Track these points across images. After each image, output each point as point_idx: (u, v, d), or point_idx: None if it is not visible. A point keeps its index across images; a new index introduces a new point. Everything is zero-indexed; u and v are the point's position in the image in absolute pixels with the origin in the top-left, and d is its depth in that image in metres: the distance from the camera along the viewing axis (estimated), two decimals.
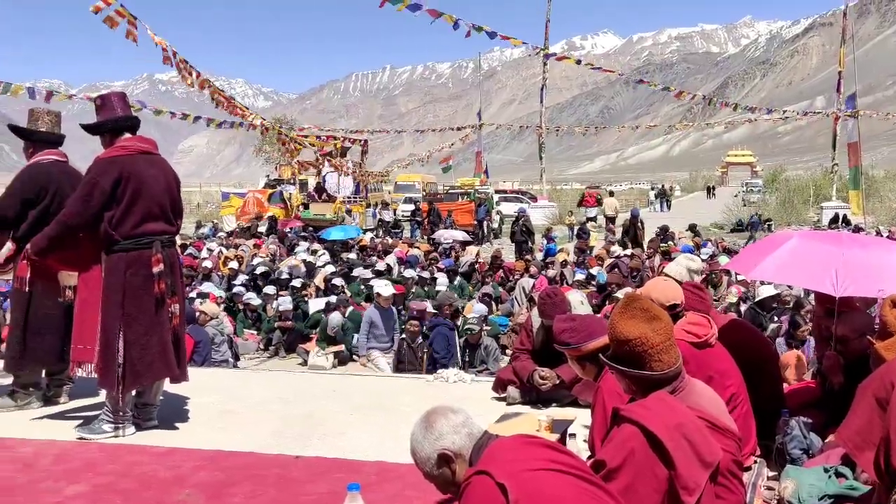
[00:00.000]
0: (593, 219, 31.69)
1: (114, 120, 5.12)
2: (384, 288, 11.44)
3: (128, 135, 5.12)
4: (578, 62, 43.29)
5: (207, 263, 16.37)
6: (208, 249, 19.34)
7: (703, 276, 11.30)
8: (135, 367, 4.92)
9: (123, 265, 4.93)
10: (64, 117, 5.95)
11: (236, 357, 10.69)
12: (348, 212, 29.10)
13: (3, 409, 5.61)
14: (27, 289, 5.41)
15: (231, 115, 15.99)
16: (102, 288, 4.93)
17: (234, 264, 16.32)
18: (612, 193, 34.48)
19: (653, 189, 58.88)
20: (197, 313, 10.27)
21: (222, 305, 12.48)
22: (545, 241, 22.08)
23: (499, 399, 6.03)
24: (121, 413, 5.02)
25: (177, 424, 5.34)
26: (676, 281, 4.96)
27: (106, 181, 4.87)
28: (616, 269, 13.84)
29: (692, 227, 23.94)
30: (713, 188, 72.22)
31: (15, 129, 5.73)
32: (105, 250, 4.94)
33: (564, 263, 16.03)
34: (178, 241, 22.61)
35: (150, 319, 4.97)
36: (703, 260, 12.28)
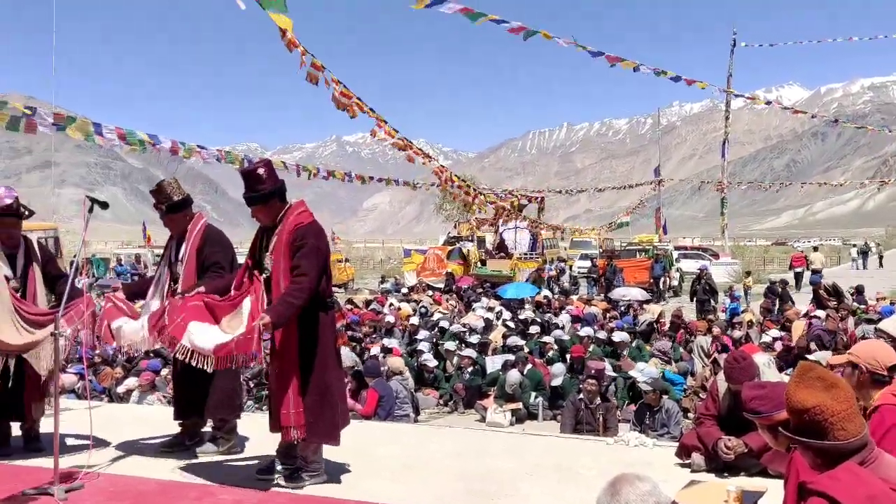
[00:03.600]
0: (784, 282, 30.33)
1: (281, 186, 5.41)
2: None
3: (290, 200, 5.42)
4: (768, 103, 41.89)
5: (390, 318, 16.86)
6: (390, 304, 19.91)
7: None
8: (339, 419, 5.25)
9: (329, 322, 5.27)
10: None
11: (416, 411, 10.89)
12: (539, 271, 29.05)
13: (206, 455, 5.99)
14: None
15: (424, 166, 16.53)
16: (318, 346, 5.18)
17: (415, 319, 16.72)
18: (816, 249, 33.08)
19: (854, 246, 55.63)
20: (383, 367, 10.55)
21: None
22: (728, 300, 21.33)
23: (683, 465, 5.84)
24: (318, 464, 5.29)
25: (360, 477, 5.49)
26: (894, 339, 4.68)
27: (325, 246, 5.25)
28: (810, 332, 13.18)
29: None
30: None
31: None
32: (317, 310, 5.20)
33: (750, 324, 15.42)
34: (367, 295, 23.20)
35: (341, 373, 5.28)
36: None
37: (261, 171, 5.35)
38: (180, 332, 5.01)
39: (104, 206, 5.45)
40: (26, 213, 5.94)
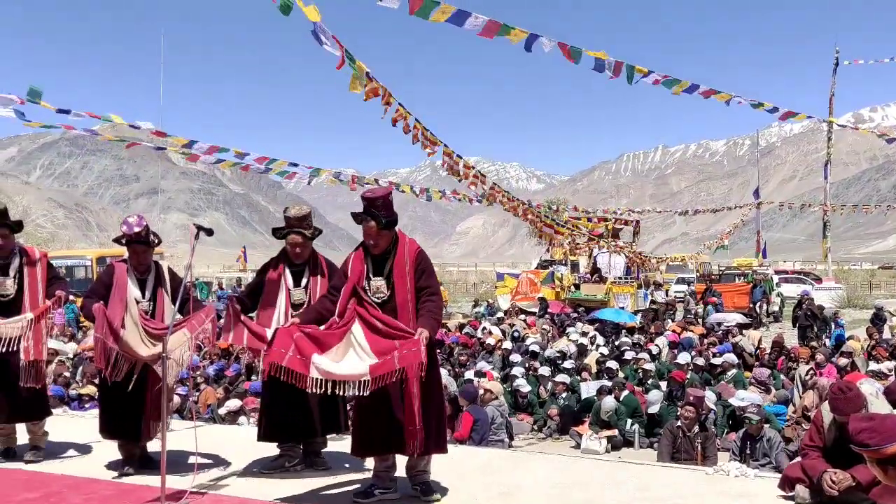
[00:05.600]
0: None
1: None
2: None
3: None
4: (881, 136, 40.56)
5: (490, 341, 16.90)
6: (483, 328, 19.94)
7: None
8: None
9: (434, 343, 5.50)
10: (354, 202, 6.55)
11: (511, 437, 10.87)
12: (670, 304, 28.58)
13: (271, 473, 6.13)
14: None
15: (504, 206, 16.64)
16: (435, 366, 5.49)
17: (507, 344, 16.71)
18: None
19: None
20: (481, 391, 10.57)
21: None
22: (833, 327, 20.63)
23: (786, 498, 5.68)
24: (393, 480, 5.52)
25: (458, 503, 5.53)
26: None
27: None
28: None
29: None
30: None
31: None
32: None
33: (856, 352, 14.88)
34: (460, 319, 23.32)
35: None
36: None
37: (391, 198, 5.52)
38: (304, 367, 5.08)
39: (209, 232, 5.67)
40: (155, 240, 6.27)
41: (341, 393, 5.12)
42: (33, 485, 5.86)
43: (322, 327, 5.34)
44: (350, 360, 5.13)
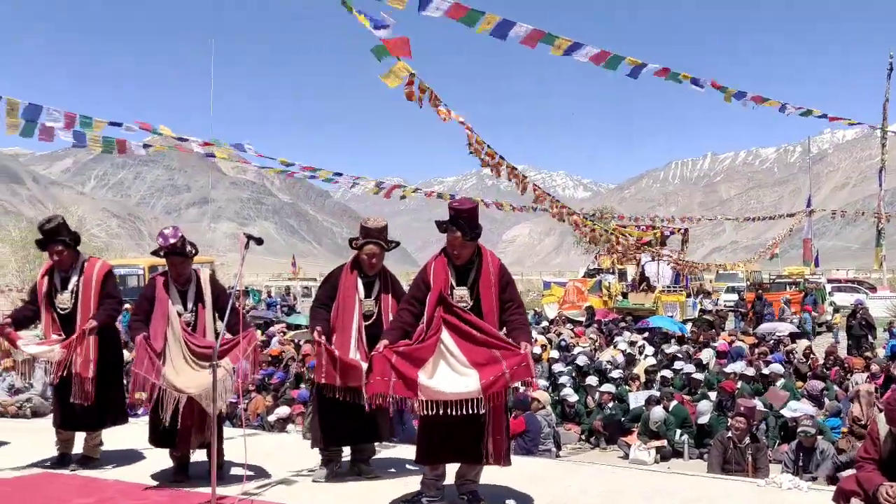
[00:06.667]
0: None
1: None
2: None
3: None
4: None
5: (536, 350, 16.81)
6: None
7: None
8: None
9: None
10: (401, 211, 6.57)
11: (558, 446, 10.81)
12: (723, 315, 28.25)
13: (320, 480, 6.17)
14: None
15: (550, 212, 16.54)
16: None
17: (554, 353, 16.64)
18: None
19: None
20: (531, 400, 10.53)
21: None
22: (888, 336, 20.20)
23: None
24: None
25: None
26: None
27: None
28: None
29: None
30: None
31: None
32: None
33: None
34: None
35: None
36: None
37: (476, 211, 5.54)
38: (412, 391, 5.03)
39: (259, 242, 5.74)
40: (192, 251, 6.32)
41: (454, 413, 4.99)
42: (88, 490, 5.97)
43: (411, 341, 5.29)
44: (452, 375, 5.08)
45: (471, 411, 4.95)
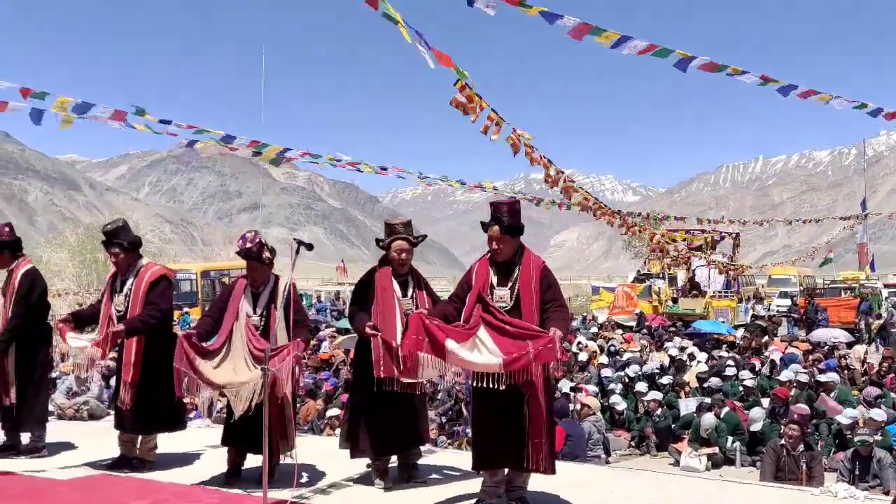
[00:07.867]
0: None
1: None
2: None
3: None
4: None
5: (583, 356, 16.73)
6: (578, 343, 19.74)
7: None
8: None
9: None
10: (448, 216, 6.58)
11: (607, 452, 10.75)
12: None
13: (379, 487, 6.18)
14: None
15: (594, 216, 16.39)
16: (550, 381, 5.54)
17: (603, 358, 16.54)
18: None
19: None
20: (578, 406, 10.48)
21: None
22: None
23: None
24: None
25: None
26: None
27: None
28: None
29: None
30: None
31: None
32: None
33: None
34: None
35: None
36: None
37: (517, 206, 5.55)
38: (441, 353, 5.13)
39: (310, 247, 5.78)
40: (269, 258, 6.32)
41: (479, 383, 5.11)
42: (143, 492, 6.08)
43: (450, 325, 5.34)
44: (480, 351, 5.13)
45: (491, 385, 5.01)
